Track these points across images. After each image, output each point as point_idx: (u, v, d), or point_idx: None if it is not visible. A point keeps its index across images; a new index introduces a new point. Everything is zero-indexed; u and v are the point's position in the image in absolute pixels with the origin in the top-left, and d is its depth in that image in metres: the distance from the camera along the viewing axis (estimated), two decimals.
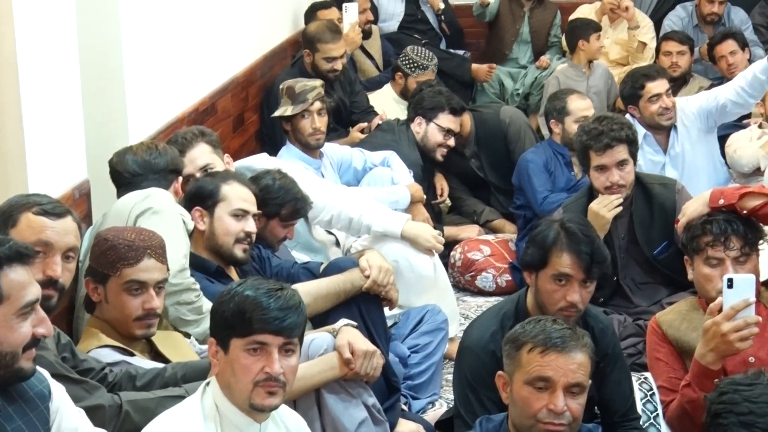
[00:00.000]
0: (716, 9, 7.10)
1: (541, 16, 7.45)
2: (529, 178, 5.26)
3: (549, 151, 5.36)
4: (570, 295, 3.22)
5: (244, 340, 2.46)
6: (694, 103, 5.53)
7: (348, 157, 5.15)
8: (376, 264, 3.68)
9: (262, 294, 2.47)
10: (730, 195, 3.35)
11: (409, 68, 6.15)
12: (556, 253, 3.24)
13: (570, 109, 5.32)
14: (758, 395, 2.39)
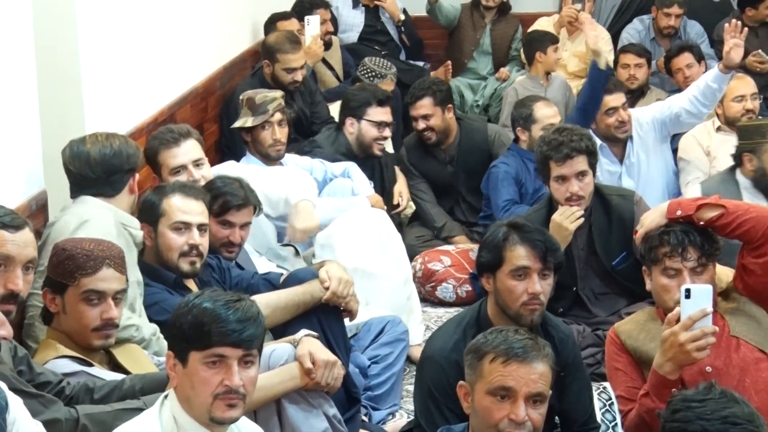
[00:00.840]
0: (673, 22, 7.18)
1: (503, 29, 7.50)
2: (497, 186, 5.28)
3: (518, 158, 5.39)
4: (531, 286, 3.26)
5: (202, 353, 2.44)
6: (649, 113, 5.61)
7: (308, 168, 5.14)
8: (335, 275, 3.67)
9: (221, 306, 2.45)
10: (687, 206, 3.38)
11: (367, 78, 6.16)
12: (509, 248, 3.29)
13: (536, 117, 5.36)
14: (710, 412, 2.39)
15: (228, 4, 6.13)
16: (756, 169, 4.73)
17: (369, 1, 7.49)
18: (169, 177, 4.01)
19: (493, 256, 3.31)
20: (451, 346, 3.29)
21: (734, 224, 3.32)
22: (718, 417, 2.40)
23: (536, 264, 3.28)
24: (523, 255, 3.28)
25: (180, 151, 4.01)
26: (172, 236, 3.53)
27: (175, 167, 4.03)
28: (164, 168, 4.05)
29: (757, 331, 3.31)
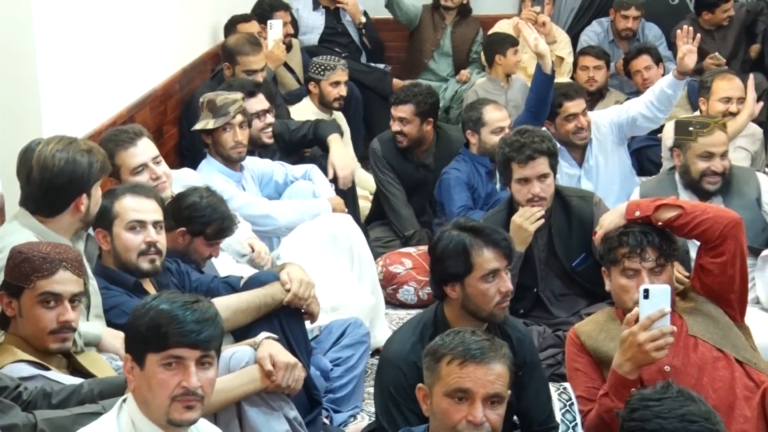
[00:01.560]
0: (631, 25, 7.25)
1: (464, 31, 7.52)
2: (449, 192, 5.29)
3: (469, 163, 5.40)
4: (503, 285, 3.30)
5: (159, 354, 2.43)
6: (607, 116, 5.65)
7: (269, 171, 5.13)
8: (297, 277, 3.66)
9: (178, 307, 2.45)
10: (645, 207, 3.41)
11: (317, 73, 6.16)
12: (476, 254, 3.30)
13: (486, 120, 5.38)
14: (668, 410, 2.42)
15: (187, 7, 6.10)
16: (682, 165, 4.78)
17: (330, 3, 7.48)
18: (130, 177, 3.97)
19: (461, 265, 3.31)
20: (408, 348, 3.30)
21: (692, 224, 3.35)
22: (676, 415, 2.42)
23: (503, 263, 3.33)
24: (491, 258, 3.30)
25: (138, 150, 3.97)
26: (128, 236, 3.51)
27: (136, 166, 3.99)
28: (123, 169, 4.00)
29: (715, 330, 3.34)
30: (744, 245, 3.40)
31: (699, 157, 4.69)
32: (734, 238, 3.34)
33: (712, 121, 4.87)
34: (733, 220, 3.36)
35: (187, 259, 3.87)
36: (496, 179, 5.35)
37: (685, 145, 4.77)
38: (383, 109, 7.26)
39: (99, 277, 3.45)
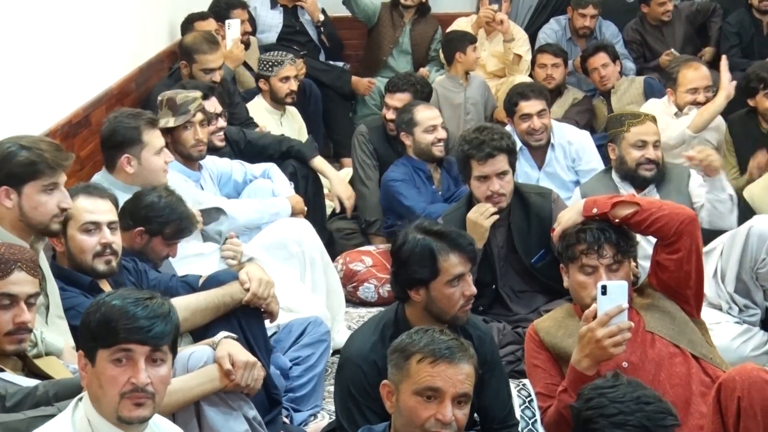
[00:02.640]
0: (588, 23, 7.28)
1: (422, 29, 7.51)
2: (399, 195, 5.27)
3: (408, 167, 5.39)
4: (467, 289, 3.30)
5: (109, 350, 2.41)
6: (580, 145, 5.65)
7: (228, 170, 5.10)
8: (256, 277, 3.65)
9: (130, 303, 2.44)
10: (602, 204, 3.43)
11: (266, 70, 6.15)
12: (443, 259, 3.29)
13: (418, 119, 5.39)
14: (623, 395, 2.46)
15: (144, 4, 6.06)
16: (617, 158, 4.85)
17: (288, 2, 7.46)
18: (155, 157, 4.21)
19: (428, 270, 3.29)
20: (369, 347, 3.29)
21: (648, 221, 3.38)
22: (631, 398, 2.48)
23: (468, 266, 3.33)
24: (457, 262, 3.30)
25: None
26: (83, 238, 3.47)
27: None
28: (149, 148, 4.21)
29: (671, 326, 3.37)
30: (699, 241, 3.43)
31: (633, 146, 4.78)
32: (690, 234, 3.38)
33: (643, 114, 4.95)
34: (689, 217, 3.39)
35: (144, 259, 3.84)
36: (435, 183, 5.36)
37: (618, 136, 4.84)
38: (342, 107, 7.30)
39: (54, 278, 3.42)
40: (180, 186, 4.44)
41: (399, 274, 3.36)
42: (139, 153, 4.20)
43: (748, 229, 4.32)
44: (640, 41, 7.34)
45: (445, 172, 5.47)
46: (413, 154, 5.44)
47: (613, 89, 6.67)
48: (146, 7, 6.09)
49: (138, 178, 4.20)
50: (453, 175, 5.41)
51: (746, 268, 4.33)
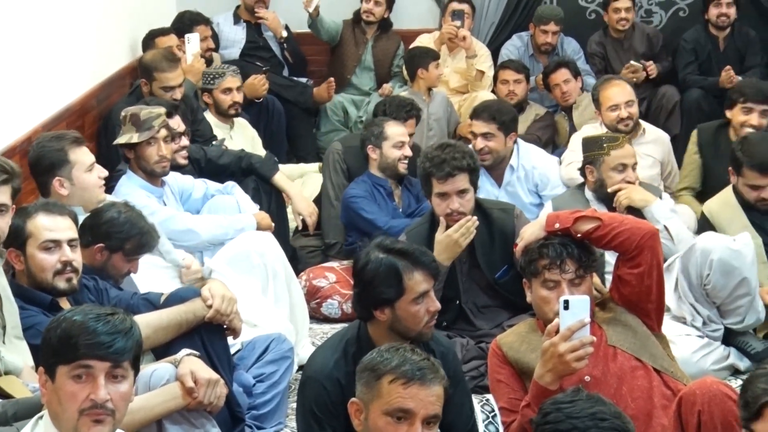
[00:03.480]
0: (550, 39, 7.32)
1: (385, 45, 7.53)
2: (360, 210, 5.25)
3: (368, 183, 5.38)
4: (432, 305, 3.28)
5: (69, 366, 2.39)
6: (543, 170, 5.66)
7: (189, 186, 5.08)
8: (218, 293, 3.63)
9: (91, 319, 2.42)
10: (564, 219, 3.44)
11: (208, 83, 6.15)
12: (408, 277, 3.26)
13: (388, 134, 5.39)
14: (579, 410, 2.46)
15: (105, 20, 6.03)
16: (596, 180, 4.91)
17: (251, 18, 7.45)
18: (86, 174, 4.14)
19: (393, 290, 3.25)
20: (331, 364, 3.26)
21: (610, 236, 3.40)
22: (587, 414, 2.46)
23: (431, 283, 3.31)
24: (421, 280, 3.28)
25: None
26: (43, 256, 3.44)
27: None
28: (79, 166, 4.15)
29: (633, 340, 3.39)
30: (660, 256, 3.46)
31: (613, 170, 4.85)
32: (651, 249, 3.40)
33: (620, 135, 5.01)
34: (650, 232, 3.42)
35: (104, 276, 3.81)
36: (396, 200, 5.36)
37: (598, 159, 4.89)
38: (306, 123, 7.29)
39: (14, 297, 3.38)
40: (142, 202, 4.43)
41: (363, 295, 3.32)
42: (70, 173, 4.12)
43: (692, 247, 4.38)
44: (602, 54, 7.39)
45: (406, 189, 5.47)
46: (377, 169, 5.43)
47: (574, 105, 6.73)
48: (107, 22, 6.06)
49: (74, 198, 4.11)
50: (414, 193, 5.42)
51: (695, 285, 4.38)
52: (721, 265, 4.29)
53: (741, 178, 4.81)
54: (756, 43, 7.28)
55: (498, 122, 5.50)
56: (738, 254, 4.29)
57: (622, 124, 5.75)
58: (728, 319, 4.44)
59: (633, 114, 5.80)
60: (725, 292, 4.35)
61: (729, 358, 4.44)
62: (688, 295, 4.42)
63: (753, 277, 4.35)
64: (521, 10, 7.67)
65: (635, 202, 4.80)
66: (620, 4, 7.26)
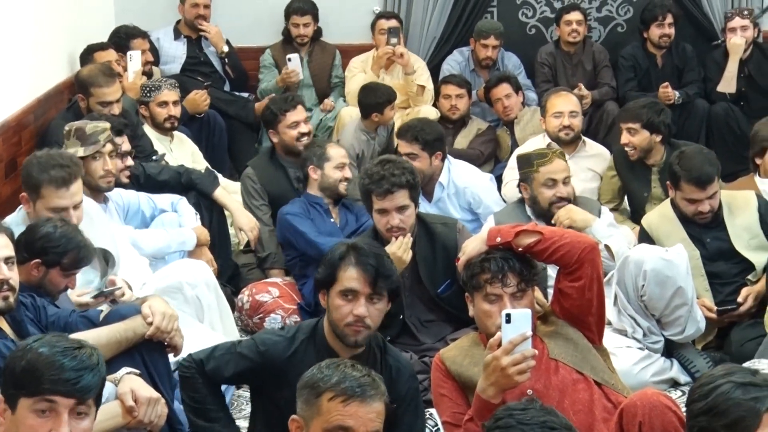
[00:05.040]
0: (491, 53, 7.37)
1: (320, 59, 7.51)
2: (296, 229, 5.19)
3: (304, 202, 5.34)
4: (356, 309, 3.29)
5: (32, 399, 2.33)
6: (472, 188, 5.69)
7: (135, 202, 5.03)
8: (159, 310, 3.59)
9: (58, 352, 2.35)
10: (506, 233, 3.46)
11: (145, 96, 6.12)
12: (343, 268, 3.33)
13: (330, 155, 5.35)
14: (530, 418, 2.49)
15: (42, 35, 5.95)
16: (530, 197, 5.00)
17: (192, 33, 7.41)
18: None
19: (328, 274, 3.37)
20: (272, 342, 3.42)
21: (551, 249, 3.42)
22: (537, 422, 2.49)
23: (365, 288, 3.32)
24: (353, 277, 3.32)
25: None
26: None
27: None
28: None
29: (575, 353, 3.41)
30: (600, 269, 3.48)
31: (544, 185, 4.95)
32: (591, 262, 3.43)
33: (550, 151, 5.09)
34: (590, 245, 3.45)
35: (41, 292, 3.75)
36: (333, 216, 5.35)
37: (529, 176, 4.99)
38: (248, 138, 7.26)
39: None
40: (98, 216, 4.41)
41: (317, 272, 3.48)
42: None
43: (626, 259, 4.44)
44: (551, 65, 7.45)
45: (344, 207, 5.44)
46: (316, 188, 5.39)
47: (516, 119, 6.78)
48: (44, 37, 5.99)
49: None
50: (353, 212, 5.40)
51: (632, 297, 4.43)
52: (654, 275, 4.34)
53: (679, 192, 4.87)
54: (693, 59, 7.40)
55: (421, 143, 5.53)
56: (670, 264, 4.35)
57: (563, 132, 5.96)
58: (669, 330, 4.49)
59: (574, 125, 6.00)
60: (662, 302, 4.40)
61: (670, 370, 4.49)
62: (627, 308, 4.47)
63: (688, 287, 4.41)
64: (462, 25, 7.72)
65: (576, 222, 4.86)
66: (572, 17, 7.34)
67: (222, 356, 3.45)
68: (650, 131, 5.67)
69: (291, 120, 5.78)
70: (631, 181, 5.85)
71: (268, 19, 7.45)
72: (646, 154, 5.73)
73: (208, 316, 4.56)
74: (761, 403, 2.60)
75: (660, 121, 5.66)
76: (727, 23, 7.15)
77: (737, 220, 4.88)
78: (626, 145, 5.73)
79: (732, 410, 2.59)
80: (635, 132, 5.68)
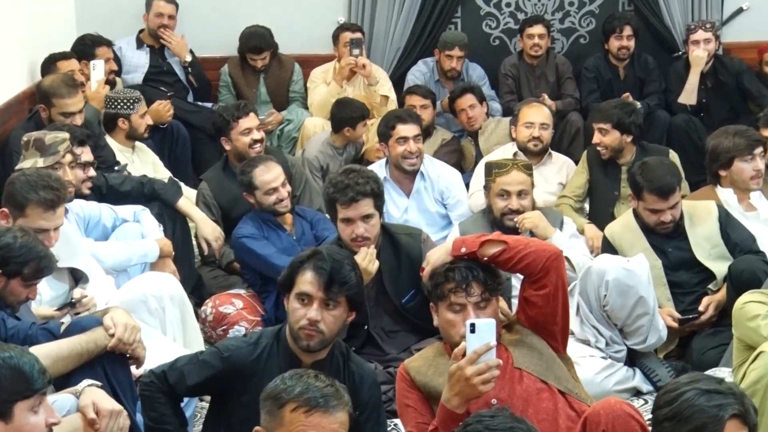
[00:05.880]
0: (455, 64, 7.39)
1: (277, 75, 7.45)
2: (255, 252, 5.12)
3: (257, 220, 5.28)
4: (309, 313, 3.32)
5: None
6: (453, 183, 5.82)
7: (96, 214, 4.99)
8: (121, 322, 3.56)
9: None
10: (470, 243, 3.47)
11: (127, 108, 6.06)
12: (300, 272, 3.38)
13: (257, 184, 5.21)
14: (498, 423, 2.52)
15: (2, 43, 5.90)
16: (487, 206, 5.06)
17: (154, 42, 7.37)
18: None
19: (288, 277, 3.41)
20: (238, 344, 3.46)
21: (515, 259, 3.43)
22: (504, 428, 2.53)
23: (319, 293, 3.34)
24: (308, 281, 3.35)
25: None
26: None
27: None
28: None
29: (539, 362, 3.42)
30: (565, 277, 3.51)
31: (498, 196, 4.99)
32: (556, 270, 3.45)
33: (510, 162, 5.12)
34: (555, 254, 3.46)
35: (2, 304, 3.71)
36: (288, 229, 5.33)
37: (489, 186, 5.03)
38: (211, 148, 7.20)
39: None
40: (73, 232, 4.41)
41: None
42: None
43: (588, 269, 4.47)
44: (514, 76, 7.49)
45: (297, 216, 5.41)
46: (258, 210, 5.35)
47: (480, 130, 6.81)
48: (4, 46, 5.94)
49: None
50: (308, 220, 5.38)
51: (595, 307, 4.46)
52: (616, 284, 4.38)
53: (641, 202, 4.92)
54: (655, 70, 7.46)
55: (422, 127, 5.92)
56: (632, 274, 4.38)
57: (532, 143, 6.07)
58: (631, 339, 4.52)
59: (544, 137, 6.11)
60: (624, 311, 4.43)
61: (633, 379, 4.51)
62: (589, 317, 4.49)
63: (650, 296, 4.45)
64: (426, 36, 7.73)
65: (538, 229, 4.89)
66: (534, 31, 7.38)
67: (185, 366, 3.44)
68: (621, 131, 5.79)
69: (243, 127, 5.79)
70: (601, 180, 5.91)
71: (231, 31, 7.42)
72: (617, 154, 5.84)
73: (171, 330, 4.52)
74: (724, 411, 2.64)
75: (631, 122, 5.79)
76: (690, 35, 7.22)
77: (698, 230, 4.93)
78: (598, 144, 5.85)
79: (696, 417, 2.63)
80: (606, 132, 5.79)
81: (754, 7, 7.83)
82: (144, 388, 3.44)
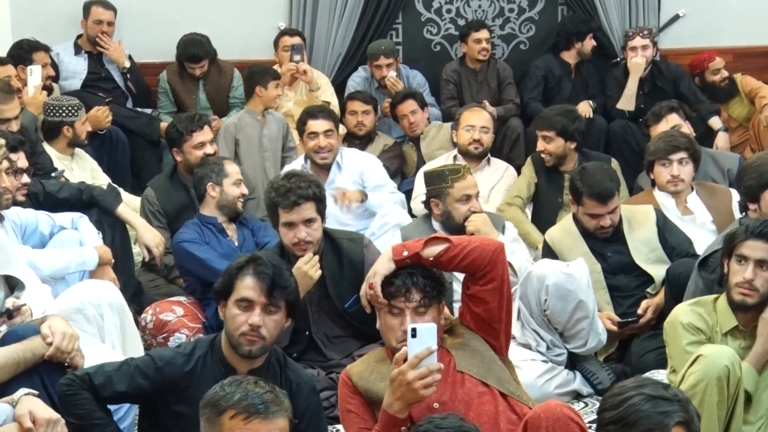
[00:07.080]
0: (385, 73, 7.28)
1: (217, 81, 7.40)
2: (195, 256, 5.09)
3: (197, 224, 5.27)
4: (251, 318, 3.31)
5: None
6: (371, 168, 5.99)
7: (33, 221, 4.91)
8: (59, 330, 3.52)
9: None
10: (412, 246, 3.47)
11: (71, 115, 6.00)
12: (240, 278, 3.36)
13: (228, 171, 5.30)
14: (448, 423, 2.60)
15: None
16: (442, 212, 5.04)
17: (92, 48, 7.30)
18: None
19: (226, 284, 3.39)
20: (173, 354, 3.41)
21: (461, 255, 3.43)
22: (453, 426, 2.61)
23: (261, 297, 3.34)
24: (249, 286, 3.34)
25: None
26: None
27: None
28: None
29: (480, 365, 3.44)
30: (508, 270, 3.53)
31: (458, 201, 4.99)
32: (502, 262, 3.48)
33: (462, 167, 5.14)
34: (499, 246, 3.50)
35: None
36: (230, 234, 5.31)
37: (443, 192, 5.00)
38: (150, 154, 7.16)
39: None
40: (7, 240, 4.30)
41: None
42: None
43: (528, 274, 4.50)
44: (456, 81, 7.51)
45: (240, 224, 5.39)
46: (213, 207, 5.31)
47: (422, 135, 6.84)
48: None
49: None
50: (249, 227, 5.37)
51: (535, 312, 4.50)
52: (556, 289, 4.42)
53: (581, 207, 4.97)
54: (594, 76, 7.56)
55: (335, 122, 6.11)
56: (571, 278, 4.43)
57: (472, 146, 6.16)
58: (571, 343, 4.57)
59: (485, 140, 6.21)
60: (564, 315, 4.47)
61: (573, 382, 4.56)
62: (530, 322, 4.53)
63: (590, 300, 4.50)
64: (367, 42, 7.72)
65: (480, 232, 4.91)
66: (481, 35, 7.41)
67: (114, 371, 3.38)
68: (565, 139, 5.86)
69: (197, 140, 5.73)
70: (545, 187, 5.96)
71: (171, 36, 7.36)
72: (561, 161, 5.89)
73: (110, 338, 4.46)
74: (669, 418, 2.67)
75: (574, 129, 5.86)
76: (628, 42, 7.31)
77: (637, 234, 4.99)
78: (542, 152, 5.90)
79: (641, 422, 2.66)
80: (550, 140, 5.85)
81: (690, 14, 7.96)
82: (65, 388, 3.34)
